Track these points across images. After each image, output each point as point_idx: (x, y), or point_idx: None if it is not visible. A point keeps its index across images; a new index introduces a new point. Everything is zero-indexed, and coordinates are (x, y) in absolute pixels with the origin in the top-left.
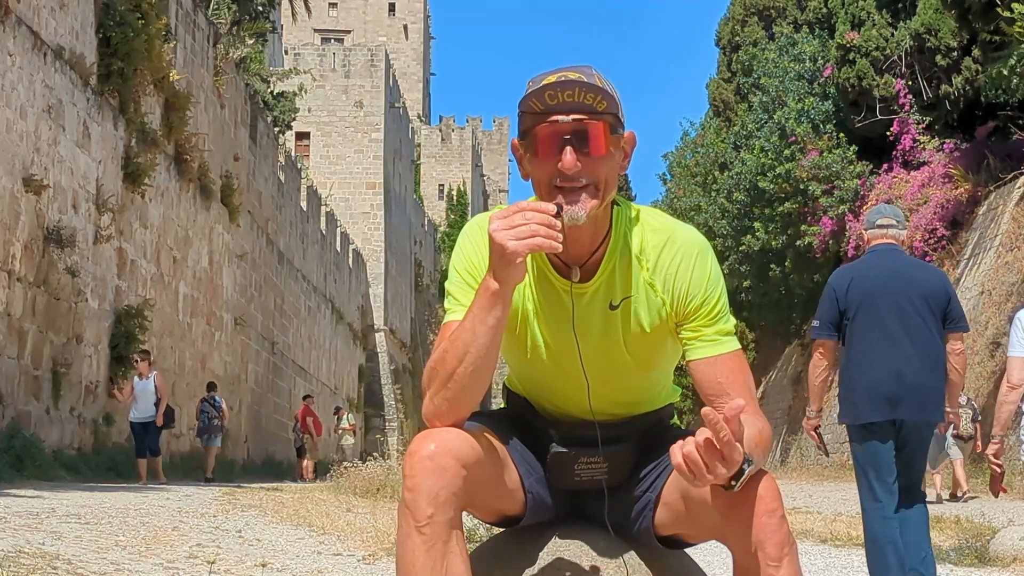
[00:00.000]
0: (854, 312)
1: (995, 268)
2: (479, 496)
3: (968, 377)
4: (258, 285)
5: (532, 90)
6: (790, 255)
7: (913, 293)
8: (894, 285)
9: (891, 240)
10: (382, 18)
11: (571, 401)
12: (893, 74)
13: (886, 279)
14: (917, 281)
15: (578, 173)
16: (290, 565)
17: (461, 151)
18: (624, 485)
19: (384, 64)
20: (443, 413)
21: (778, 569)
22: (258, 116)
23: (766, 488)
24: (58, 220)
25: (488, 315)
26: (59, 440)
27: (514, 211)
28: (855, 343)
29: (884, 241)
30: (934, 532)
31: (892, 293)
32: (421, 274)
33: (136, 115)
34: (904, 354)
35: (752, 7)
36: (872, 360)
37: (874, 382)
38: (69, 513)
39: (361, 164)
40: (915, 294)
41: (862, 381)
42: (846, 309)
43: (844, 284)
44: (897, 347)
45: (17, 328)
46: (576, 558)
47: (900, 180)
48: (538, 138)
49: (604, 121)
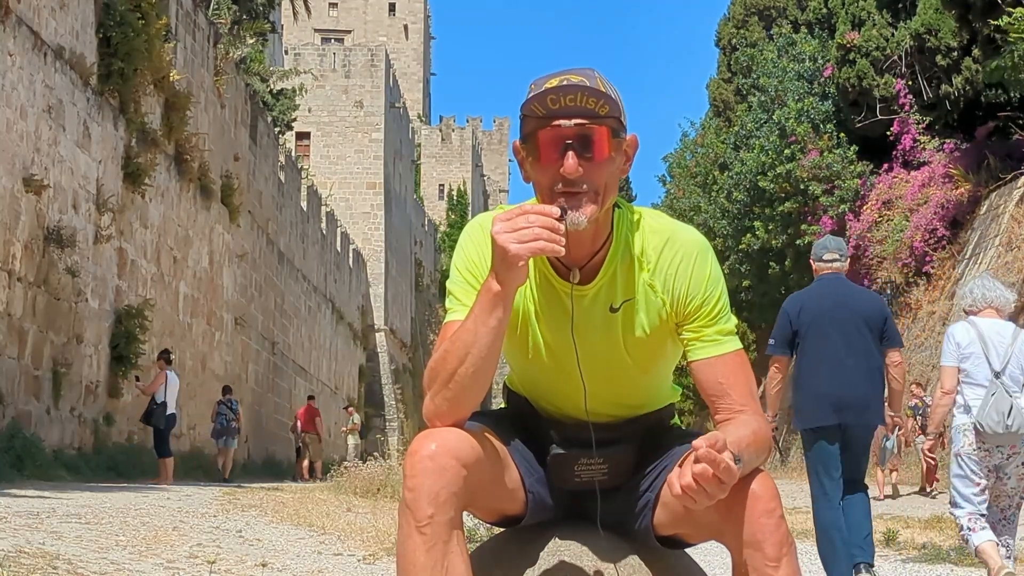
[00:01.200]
0: (804, 332)
1: (995, 268)
2: (480, 496)
3: None
4: (258, 285)
5: (534, 94)
6: (790, 255)
7: (854, 316)
8: (838, 310)
9: (835, 270)
10: (382, 18)
11: (571, 402)
12: (893, 74)
13: (831, 304)
14: (858, 306)
15: (580, 178)
16: (290, 565)
17: (461, 151)
18: (624, 485)
19: (384, 64)
20: (444, 413)
21: (777, 569)
22: (258, 116)
23: (764, 488)
24: (58, 220)
25: (489, 316)
26: (59, 440)
27: (517, 214)
28: (805, 359)
29: (829, 271)
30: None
31: (836, 316)
32: (421, 274)
33: (136, 115)
34: (847, 368)
35: (752, 7)
36: (820, 373)
37: (822, 392)
38: (69, 513)
39: (361, 164)
40: (856, 317)
41: (811, 391)
42: (798, 330)
43: (796, 308)
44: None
45: (17, 328)
46: (576, 558)
47: (900, 180)
48: (540, 142)
49: (606, 126)
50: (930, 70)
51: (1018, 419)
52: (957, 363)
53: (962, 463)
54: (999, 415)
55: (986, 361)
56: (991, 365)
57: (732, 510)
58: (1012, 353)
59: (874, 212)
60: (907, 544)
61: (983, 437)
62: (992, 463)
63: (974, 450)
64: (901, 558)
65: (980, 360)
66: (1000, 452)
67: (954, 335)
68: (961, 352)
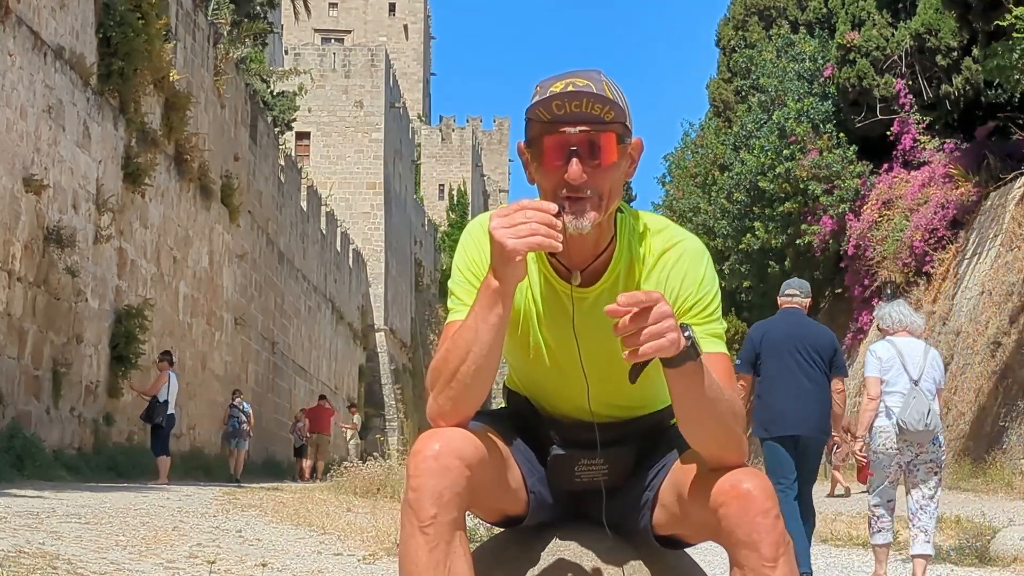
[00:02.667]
0: (766, 356)
1: (995, 268)
2: (482, 496)
3: (968, 376)
4: (258, 285)
5: (540, 99)
6: (790, 254)
7: (808, 345)
8: (795, 339)
9: (796, 305)
10: (382, 18)
11: (572, 403)
12: (893, 74)
13: (789, 333)
14: (812, 337)
15: (584, 184)
16: (290, 565)
17: (461, 151)
18: (624, 485)
19: (384, 64)
20: (447, 413)
21: (774, 569)
22: (258, 116)
23: (760, 488)
24: (58, 220)
25: (490, 313)
26: (59, 440)
27: (515, 209)
28: (765, 378)
29: (791, 305)
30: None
31: (793, 345)
32: (421, 274)
33: (136, 115)
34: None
35: (752, 7)
36: (777, 391)
37: (781, 407)
38: (69, 513)
39: (361, 164)
40: (810, 346)
41: (773, 406)
42: (760, 353)
43: (759, 335)
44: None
45: (17, 328)
46: (577, 558)
47: (900, 180)
48: (545, 147)
49: (612, 132)
50: (930, 70)
51: (933, 419)
52: (880, 374)
53: (878, 461)
54: (919, 415)
55: (905, 372)
56: (910, 375)
57: (728, 510)
58: (925, 366)
59: (874, 212)
60: (907, 544)
61: (905, 435)
62: (904, 460)
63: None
64: (901, 558)
65: (900, 372)
66: (911, 451)
67: (876, 351)
68: (882, 365)
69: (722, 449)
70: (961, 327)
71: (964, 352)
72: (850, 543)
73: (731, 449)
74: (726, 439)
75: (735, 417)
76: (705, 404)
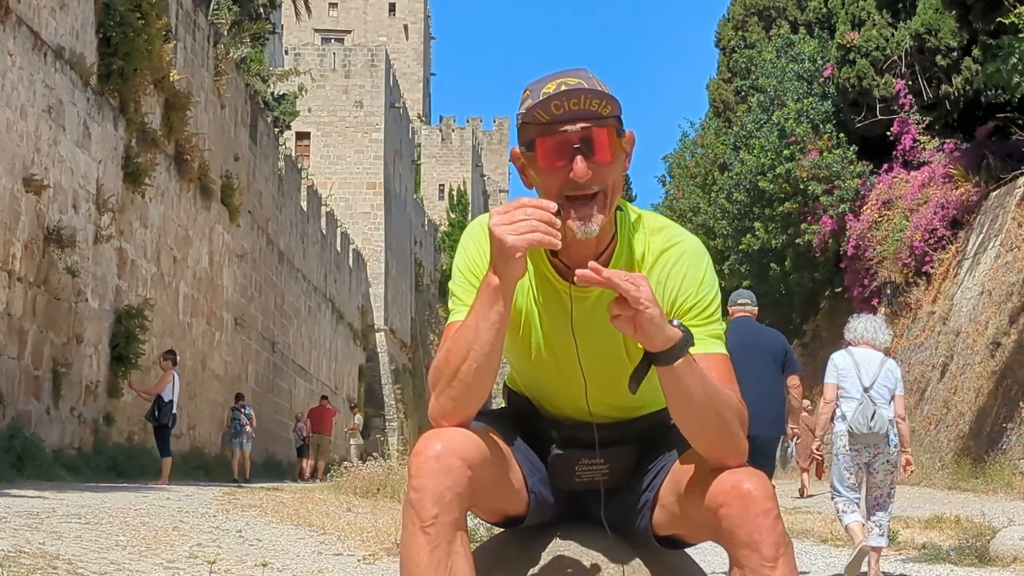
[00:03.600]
0: None
1: (995, 268)
2: (484, 496)
3: (968, 377)
4: (258, 285)
5: (536, 101)
6: (790, 255)
7: (762, 349)
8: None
9: (747, 314)
10: (382, 18)
11: (572, 403)
12: (893, 74)
13: (743, 340)
14: (764, 342)
15: (589, 181)
16: (290, 565)
17: (461, 151)
18: (624, 485)
19: (384, 64)
20: (449, 412)
21: (774, 569)
22: (258, 116)
23: (760, 488)
24: (58, 220)
25: (490, 311)
26: (59, 440)
27: (515, 207)
28: None
29: (743, 314)
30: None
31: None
32: (421, 274)
33: (136, 115)
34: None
35: (752, 7)
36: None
37: None
38: (69, 513)
39: (361, 164)
40: (763, 350)
41: None
42: None
43: None
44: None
45: (17, 328)
46: (577, 558)
47: (900, 180)
48: (545, 149)
49: (609, 126)
50: (930, 70)
51: (879, 423)
52: (836, 381)
53: (838, 461)
54: (864, 419)
55: (858, 380)
56: (862, 383)
57: (729, 510)
58: (879, 375)
59: (874, 212)
60: (907, 544)
61: (855, 438)
62: (862, 461)
63: (848, 451)
64: (901, 558)
65: (854, 380)
66: (868, 452)
67: (834, 360)
68: (839, 373)
69: (719, 449)
70: (961, 327)
71: (964, 352)
72: (850, 543)
73: (729, 449)
74: (722, 440)
75: (733, 417)
76: (699, 405)
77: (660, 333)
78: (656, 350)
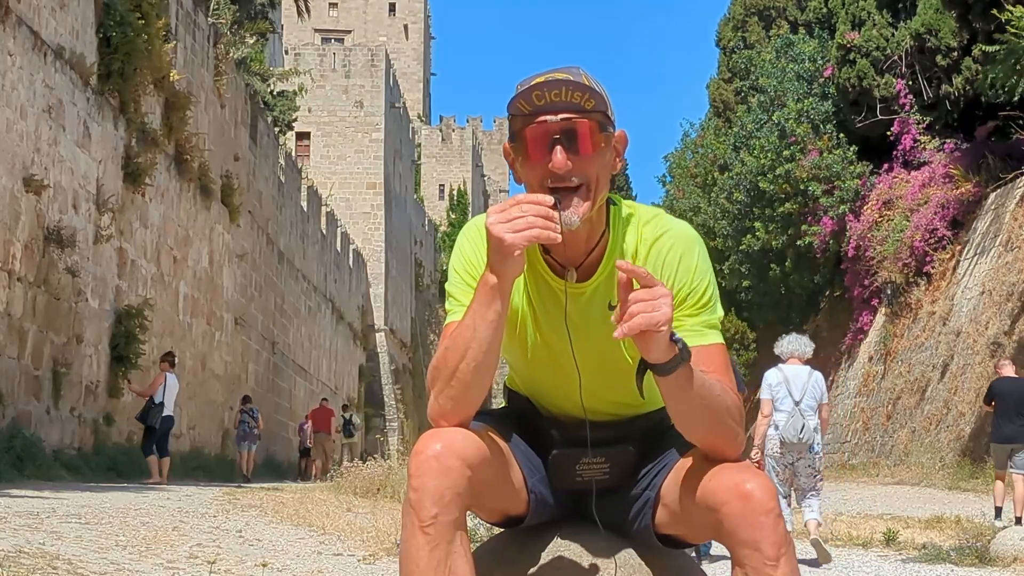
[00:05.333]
0: None
1: (995, 268)
2: (484, 496)
3: (969, 377)
4: (258, 285)
5: (519, 92)
6: (790, 255)
7: None
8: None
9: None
10: (382, 18)
11: (571, 401)
12: (893, 74)
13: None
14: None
15: (569, 172)
16: (290, 565)
17: (461, 151)
18: (625, 484)
19: (384, 64)
20: (448, 412)
21: (776, 568)
22: (258, 116)
23: (762, 488)
24: (58, 220)
25: (488, 310)
26: (59, 440)
27: (511, 204)
28: None
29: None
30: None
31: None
32: (421, 274)
33: (136, 115)
34: None
35: (752, 7)
36: None
37: None
38: (69, 513)
39: (361, 164)
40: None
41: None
42: None
43: None
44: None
45: (17, 328)
46: (577, 558)
47: (900, 180)
48: (527, 140)
49: (592, 119)
50: (930, 70)
51: (807, 433)
52: (770, 396)
53: (768, 461)
54: (795, 431)
55: (789, 395)
56: (792, 397)
57: (731, 510)
58: (807, 388)
59: (874, 212)
60: (907, 544)
61: (786, 445)
62: (787, 462)
63: (777, 453)
64: (901, 558)
65: (785, 395)
66: (791, 455)
67: (767, 377)
68: (772, 390)
69: (715, 443)
70: (961, 327)
71: (964, 352)
72: (850, 543)
73: (726, 443)
74: (718, 434)
75: (729, 412)
76: (696, 406)
77: (659, 348)
78: (653, 362)
